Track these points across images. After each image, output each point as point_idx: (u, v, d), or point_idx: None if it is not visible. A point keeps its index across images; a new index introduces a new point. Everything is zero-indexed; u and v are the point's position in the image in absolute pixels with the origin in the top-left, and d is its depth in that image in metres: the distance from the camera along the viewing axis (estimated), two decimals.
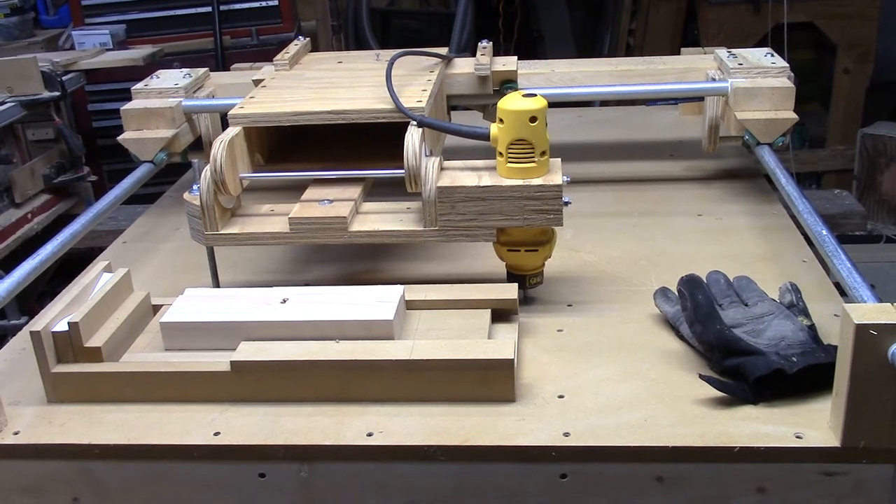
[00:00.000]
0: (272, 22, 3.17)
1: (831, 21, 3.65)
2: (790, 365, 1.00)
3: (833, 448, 0.94)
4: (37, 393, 1.09)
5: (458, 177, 1.20)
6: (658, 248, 1.44)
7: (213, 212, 1.22)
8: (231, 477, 1.01)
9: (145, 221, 1.71)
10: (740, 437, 0.96)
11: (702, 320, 1.08)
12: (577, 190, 1.33)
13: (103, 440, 1.02)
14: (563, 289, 1.31)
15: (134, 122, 1.65)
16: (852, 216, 1.81)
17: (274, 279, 1.40)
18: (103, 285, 1.16)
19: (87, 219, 1.43)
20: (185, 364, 1.08)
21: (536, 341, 1.17)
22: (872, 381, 0.89)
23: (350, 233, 1.22)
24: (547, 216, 1.17)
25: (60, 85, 2.47)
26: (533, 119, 1.15)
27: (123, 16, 3.11)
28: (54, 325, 1.08)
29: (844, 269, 1.13)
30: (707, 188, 1.68)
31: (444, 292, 1.19)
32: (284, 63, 1.59)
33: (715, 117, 1.64)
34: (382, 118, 1.28)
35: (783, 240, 1.44)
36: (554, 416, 1.01)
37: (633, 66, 1.75)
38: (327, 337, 1.08)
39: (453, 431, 0.99)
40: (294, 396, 1.05)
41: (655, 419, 0.99)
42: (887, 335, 0.87)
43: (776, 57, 1.65)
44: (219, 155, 1.20)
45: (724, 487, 0.97)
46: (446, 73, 1.62)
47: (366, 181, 1.32)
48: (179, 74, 1.75)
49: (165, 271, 1.47)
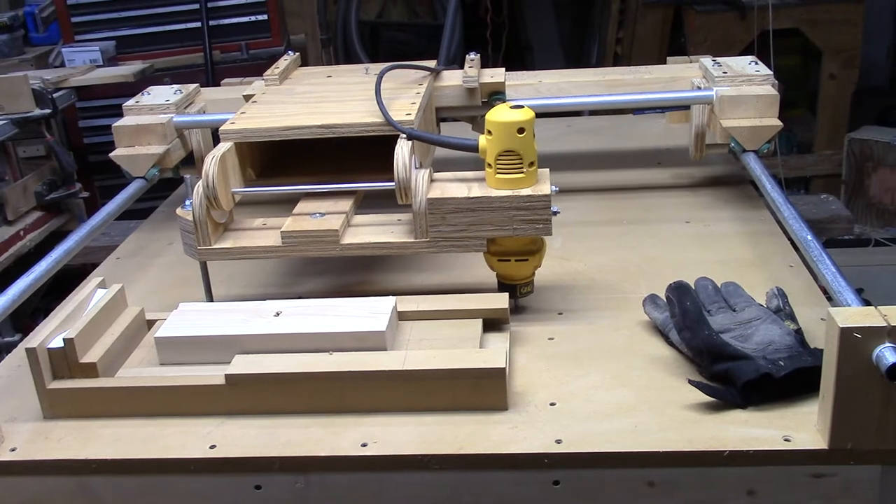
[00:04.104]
0: (262, 36, 3.17)
1: (816, 27, 3.68)
2: (778, 369, 1.01)
3: (821, 450, 0.95)
4: (33, 409, 1.10)
5: (447, 188, 1.21)
6: (647, 256, 1.45)
7: (205, 226, 1.23)
8: (227, 489, 1.02)
9: (138, 237, 1.72)
10: (730, 440, 0.97)
11: (690, 326, 1.09)
12: (566, 199, 1.35)
13: (100, 455, 1.02)
14: (553, 297, 1.32)
15: (126, 139, 1.66)
16: (839, 220, 1.82)
17: (267, 292, 1.41)
18: (98, 301, 1.17)
19: (81, 235, 1.44)
20: (180, 378, 1.09)
21: (528, 350, 1.18)
22: (858, 384, 0.90)
23: (342, 245, 1.23)
24: (536, 226, 1.18)
25: (51, 102, 2.47)
26: (521, 130, 1.16)
27: (113, 32, 3.11)
28: (50, 342, 1.08)
29: (829, 274, 1.14)
30: (695, 195, 1.70)
31: (435, 303, 1.21)
32: (275, 78, 1.60)
33: (701, 125, 1.65)
34: (372, 132, 1.30)
35: (770, 245, 1.45)
36: (546, 424, 1.02)
37: (619, 75, 1.76)
38: (321, 349, 1.09)
39: (447, 440, 1.00)
40: (289, 408, 1.06)
41: (646, 425, 1.01)
42: (871, 338, 0.88)
43: (760, 65, 1.67)
44: (211, 170, 1.22)
45: (715, 491, 0.98)
46: (435, 86, 1.63)
47: (357, 194, 1.33)
48: (170, 90, 1.76)
49: (159, 286, 1.48)
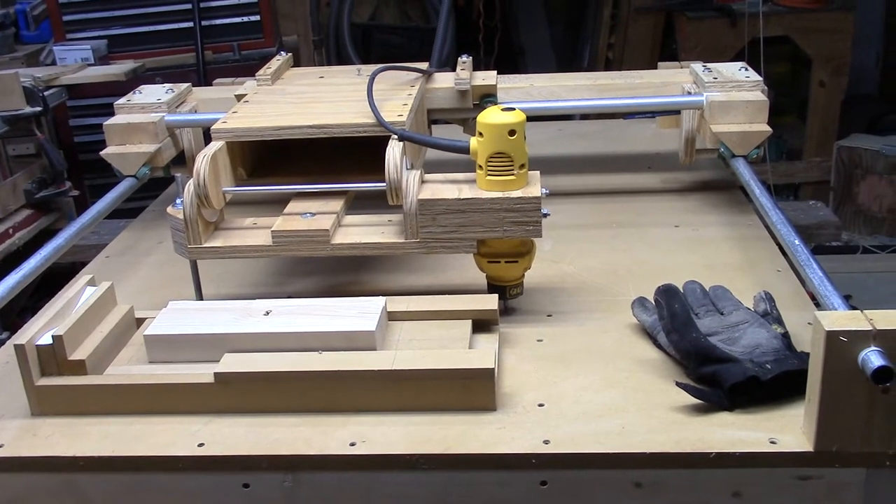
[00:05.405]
0: (254, 37, 3.17)
1: (807, 35, 3.70)
2: (764, 372, 1.02)
3: (807, 452, 0.96)
4: (21, 406, 1.10)
5: (438, 189, 1.21)
6: (636, 259, 1.46)
7: (196, 225, 1.23)
8: (215, 488, 1.02)
9: (128, 235, 1.72)
10: (716, 442, 0.97)
11: (678, 329, 1.10)
12: (556, 202, 1.35)
13: (88, 452, 1.02)
14: (542, 299, 1.32)
15: (117, 137, 1.66)
16: (827, 226, 1.83)
17: (257, 292, 1.41)
18: (87, 299, 1.16)
19: (71, 233, 1.43)
20: (168, 376, 1.09)
21: (517, 351, 1.19)
22: (843, 387, 0.91)
23: (332, 245, 1.23)
24: (526, 228, 1.19)
25: (42, 100, 2.46)
26: (512, 132, 1.17)
27: (105, 31, 3.10)
28: (38, 339, 1.08)
29: (816, 278, 1.15)
30: (684, 200, 1.70)
31: (425, 303, 1.21)
32: (267, 78, 1.60)
33: (691, 130, 1.66)
34: (364, 132, 1.30)
35: (758, 250, 1.46)
36: (534, 424, 1.03)
37: (611, 80, 1.77)
38: (310, 348, 1.09)
39: (435, 440, 1.01)
40: (277, 407, 1.06)
41: (633, 426, 1.01)
42: (857, 342, 0.89)
43: (750, 71, 1.68)
44: (202, 169, 1.22)
45: (701, 492, 0.98)
46: (427, 88, 1.64)
47: (348, 194, 1.34)
48: (162, 89, 1.76)
49: (149, 285, 1.48)
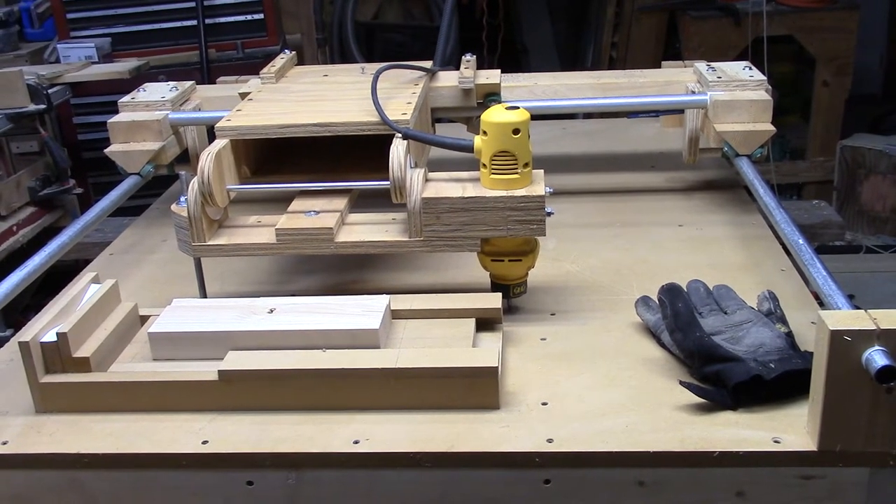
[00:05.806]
0: (257, 35, 3.17)
1: (810, 34, 3.70)
2: (768, 371, 1.02)
3: (810, 452, 0.96)
4: (25, 403, 1.10)
5: (442, 188, 1.21)
6: (639, 258, 1.45)
7: (200, 223, 1.23)
8: (219, 485, 1.02)
9: (132, 233, 1.72)
10: (720, 441, 0.97)
11: (682, 328, 1.10)
12: (560, 201, 1.35)
13: (92, 449, 1.02)
14: (546, 298, 1.32)
15: (121, 135, 1.66)
16: (830, 226, 1.83)
17: (261, 290, 1.41)
18: (91, 296, 1.16)
19: (75, 230, 1.44)
20: (172, 374, 1.09)
21: (520, 349, 1.19)
22: (847, 386, 0.91)
23: (336, 243, 1.23)
24: (530, 226, 1.19)
25: (46, 98, 2.46)
26: (516, 131, 1.17)
27: (109, 29, 3.10)
28: (43, 336, 1.08)
29: (820, 278, 1.15)
30: (688, 199, 1.70)
31: (429, 302, 1.21)
32: (271, 76, 1.60)
33: (695, 129, 1.66)
34: (368, 130, 1.30)
35: (762, 249, 1.46)
36: (537, 423, 1.03)
37: (614, 79, 1.77)
38: (314, 346, 1.10)
39: (439, 438, 1.01)
40: (281, 405, 1.06)
41: (637, 425, 1.01)
42: (861, 341, 0.89)
43: (754, 70, 1.68)
44: (206, 167, 1.22)
45: (705, 491, 0.98)
46: (431, 86, 1.64)
47: (352, 193, 1.34)
48: (166, 87, 1.76)
49: (153, 282, 1.48)
